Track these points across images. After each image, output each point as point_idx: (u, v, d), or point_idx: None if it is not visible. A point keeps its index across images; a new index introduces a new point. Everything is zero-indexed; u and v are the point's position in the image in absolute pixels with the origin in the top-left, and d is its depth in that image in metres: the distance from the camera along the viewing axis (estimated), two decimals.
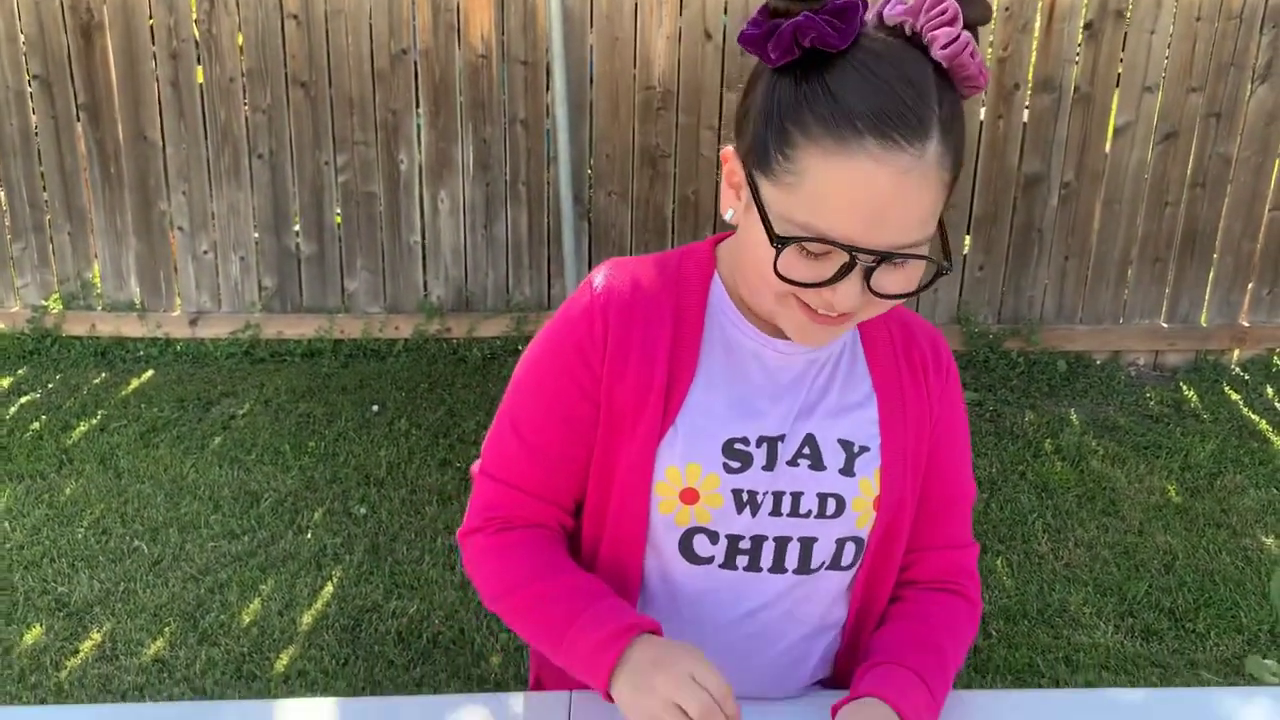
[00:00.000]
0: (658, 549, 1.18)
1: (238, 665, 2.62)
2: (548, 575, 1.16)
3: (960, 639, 1.19)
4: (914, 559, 1.24)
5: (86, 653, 2.66)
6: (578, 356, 1.15)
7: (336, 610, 2.82)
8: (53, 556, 3.04)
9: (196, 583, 2.93)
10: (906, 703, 1.08)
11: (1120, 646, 2.73)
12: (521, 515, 1.21)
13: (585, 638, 1.09)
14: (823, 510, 1.14)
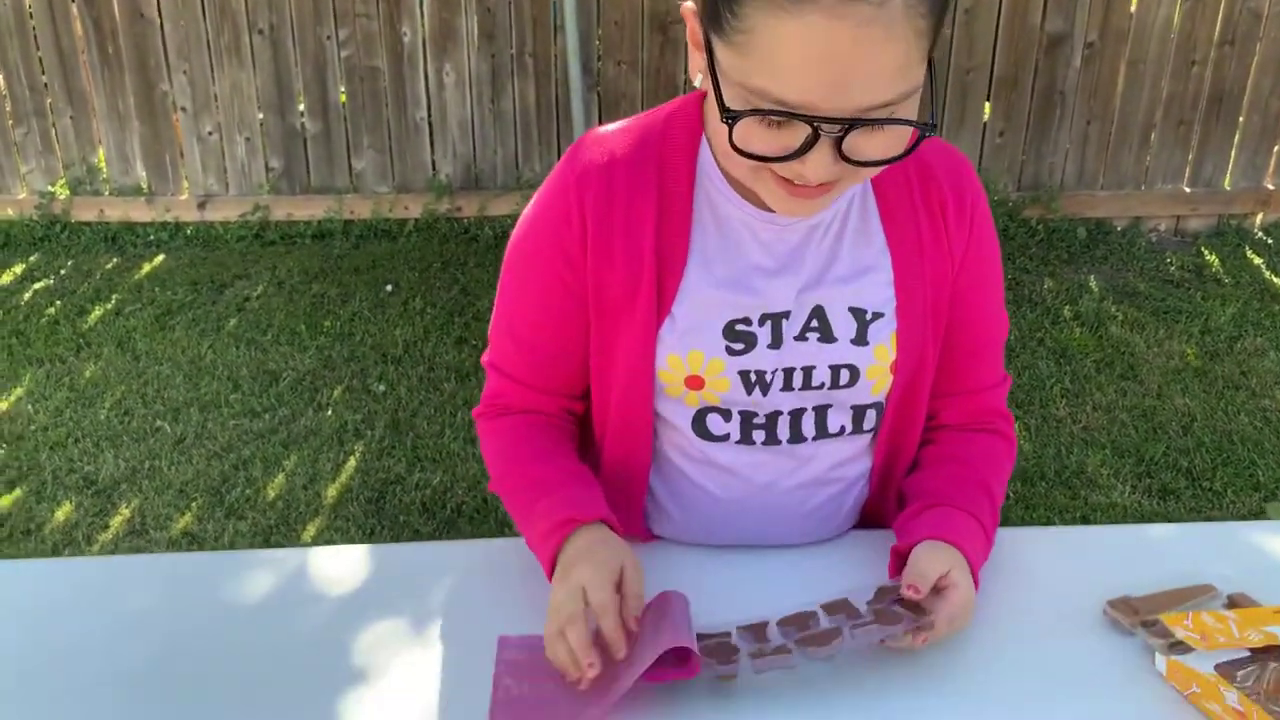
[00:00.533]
0: (671, 428, 1.17)
1: (265, 537, 2.66)
2: (523, 463, 1.15)
3: (1001, 475, 1.18)
4: (943, 404, 1.21)
5: (117, 528, 2.71)
6: (558, 251, 1.09)
7: (360, 483, 2.85)
8: (77, 437, 3.08)
9: (220, 459, 2.96)
10: (968, 544, 1.06)
11: (1137, 506, 2.75)
12: (522, 404, 1.20)
13: (534, 530, 1.10)
14: (836, 382, 1.11)
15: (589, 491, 1.13)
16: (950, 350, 1.17)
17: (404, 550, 1.26)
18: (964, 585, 1.00)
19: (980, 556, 1.08)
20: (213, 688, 1.00)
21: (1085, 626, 1.05)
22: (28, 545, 2.65)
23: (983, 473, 1.15)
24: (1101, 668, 1.00)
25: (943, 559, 1.02)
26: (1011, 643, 1.03)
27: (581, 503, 1.10)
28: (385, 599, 1.12)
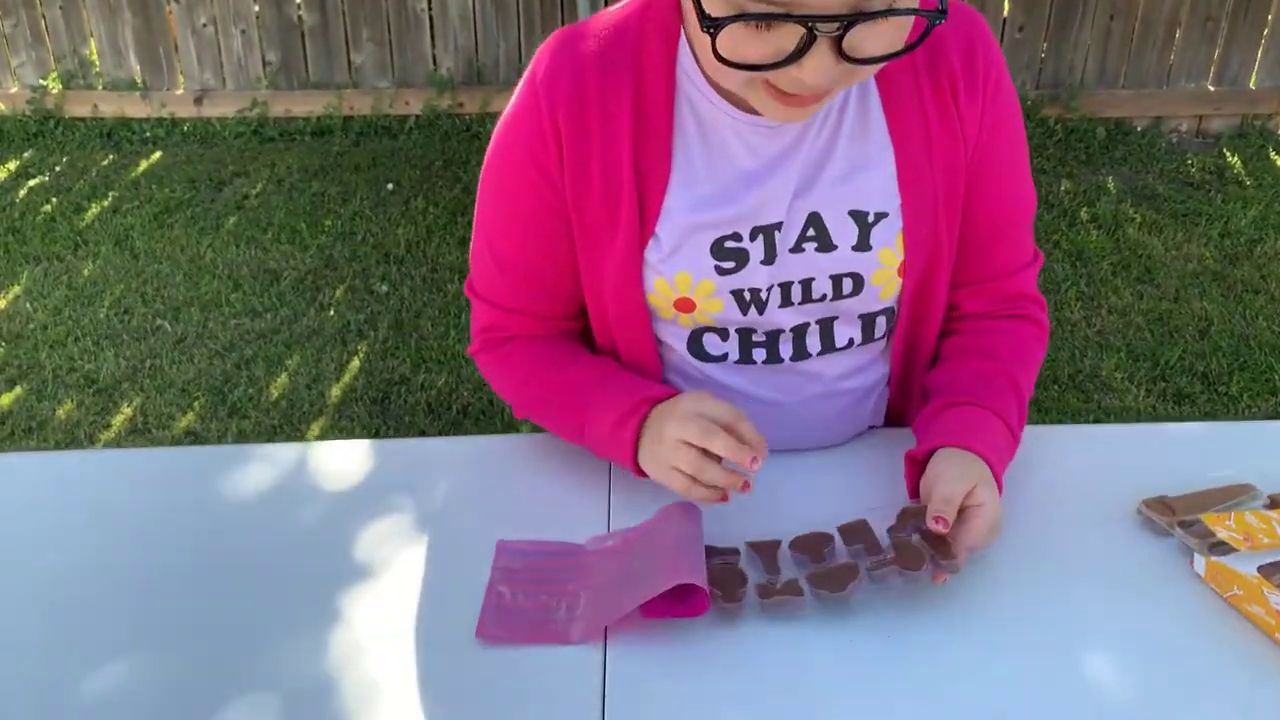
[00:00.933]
0: (668, 349, 1.11)
1: (269, 436, 2.63)
2: (549, 373, 1.09)
3: (1030, 368, 1.10)
4: (965, 294, 1.12)
5: (119, 426, 2.68)
6: (534, 168, 1.01)
7: (364, 383, 2.81)
8: (77, 335, 3.03)
9: (222, 359, 2.92)
10: (993, 451, 0.99)
11: (1151, 410, 2.71)
12: (517, 331, 1.13)
13: (599, 429, 1.04)
14: (839, 292, 1.04)
15: (644, 378, 1.08)
16: (970, 237, 1.08)
17: (406, 446, 1.22)
18: (991, 503, 0.94)
19: (1004, 461, 1.01)
20: (211, 582, 0.98)
21: (1118, 527, 1.01)
22: (29, 443, 2.62)
23: (1010, 366, 1.07)
24: (1136, 570, 0.96)
25: (966, 473, 0.95)
26: (1040, 546, 0.99)
27: (647, 385, 1.05)
28: (386, 495, 1.09)
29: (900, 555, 0.92)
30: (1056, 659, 0.88)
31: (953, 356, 1.11)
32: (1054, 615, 0.92)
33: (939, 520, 0.91)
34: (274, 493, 1.09)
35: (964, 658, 0.88)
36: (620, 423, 1.01)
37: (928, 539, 0.93)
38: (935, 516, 0.92)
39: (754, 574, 0.96)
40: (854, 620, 0.92)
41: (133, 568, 1.00)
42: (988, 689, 0.85)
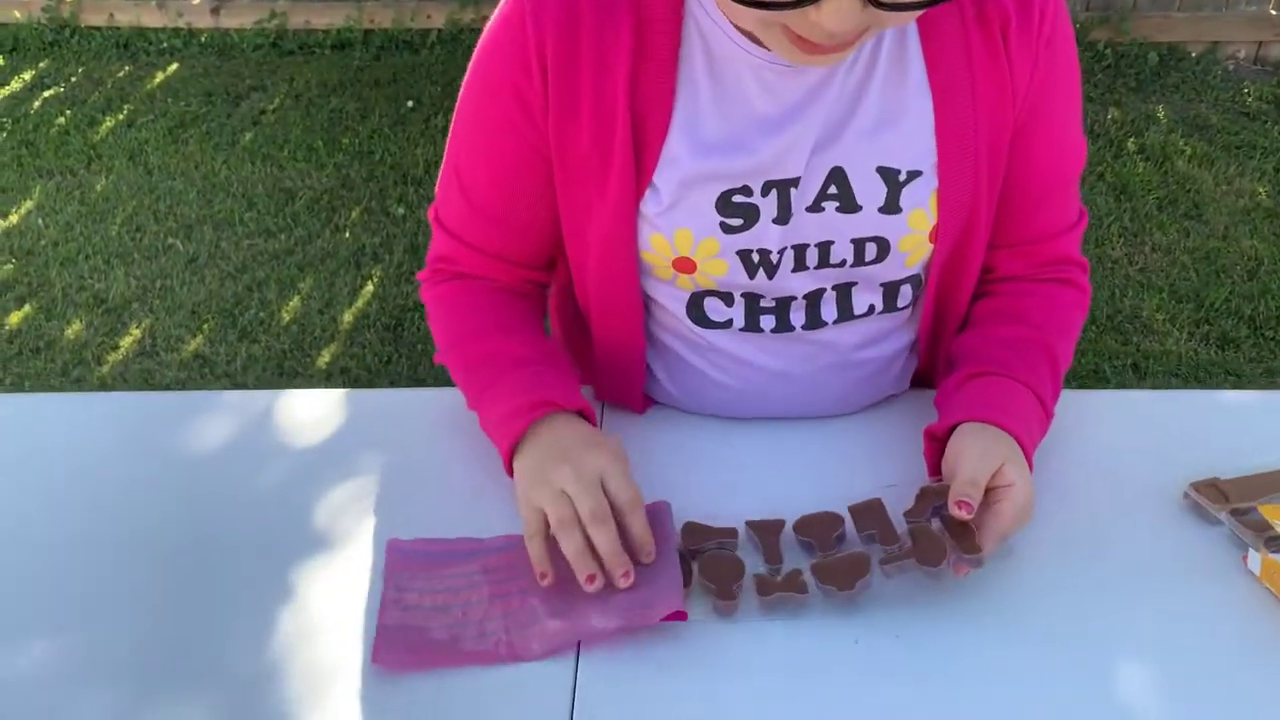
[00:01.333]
0: (664, 310, 1.00)
1: (279, 362, 2.58)
2: (482, 334, 0.98)
3: (1068, 336, 1.00)
4: (1003, 256, 1.01)
5: (127, 348, 2.63)
6: (513, 99, 0.90)
7: (377, 309, 2.74)
8: (88, 253, 2.97)
9: (234, 280, 2.86)
10: (1020, 423, 0.90)
11: (1193, 354, 2.59)
12: (473, 269, 1.02)
13: (495, 408, 0.94)
14: (860, 258, 0.93)
15: (566, 377, 0.96)
16: (1012, 197, 0.96)
17: (375, 397, 1.13)
18: (1021, 483, 0.84)
19: (1035, 439, 0.92)
20: (149, 546, 0.91)
21: (1160, 512, 0.92)
22: (36, 363, 2.58)
23: (1045, 333, 0.97)
24: (1180, 564, 0.87)
25: (992, 451, 0.85)
26: (1071, 533, 0.90)
27: (560, 387, 0.94)
28: (352, 452, 1.02)
29: (918, 546, 0.83)
30: (1087, 664, 0.80)
31: (983, 321, 1.01)
32: (1085, 613, 0.83)
33: (963, 505, 0.82)
34: (228, 447, 1.02)
35: (984, 661, 0.80)
36: (513, 414, 0.91)
37: (949, 525, 0.84)
38: (958, 501, 0.83)
39: (752, 562, 0.87)
40: (862, 617, 0.84)
41: (55, 526, 0.93)
42: (1010, 696, 0.77)
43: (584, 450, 0.87)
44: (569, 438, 0.89)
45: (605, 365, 1.04)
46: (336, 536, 0.92)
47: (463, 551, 0.90)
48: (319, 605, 0.85)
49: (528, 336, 0.99)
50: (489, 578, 0.87)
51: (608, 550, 0.83)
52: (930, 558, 0.82)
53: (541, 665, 0.80)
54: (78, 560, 0.89)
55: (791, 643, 0.82)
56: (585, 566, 0.83)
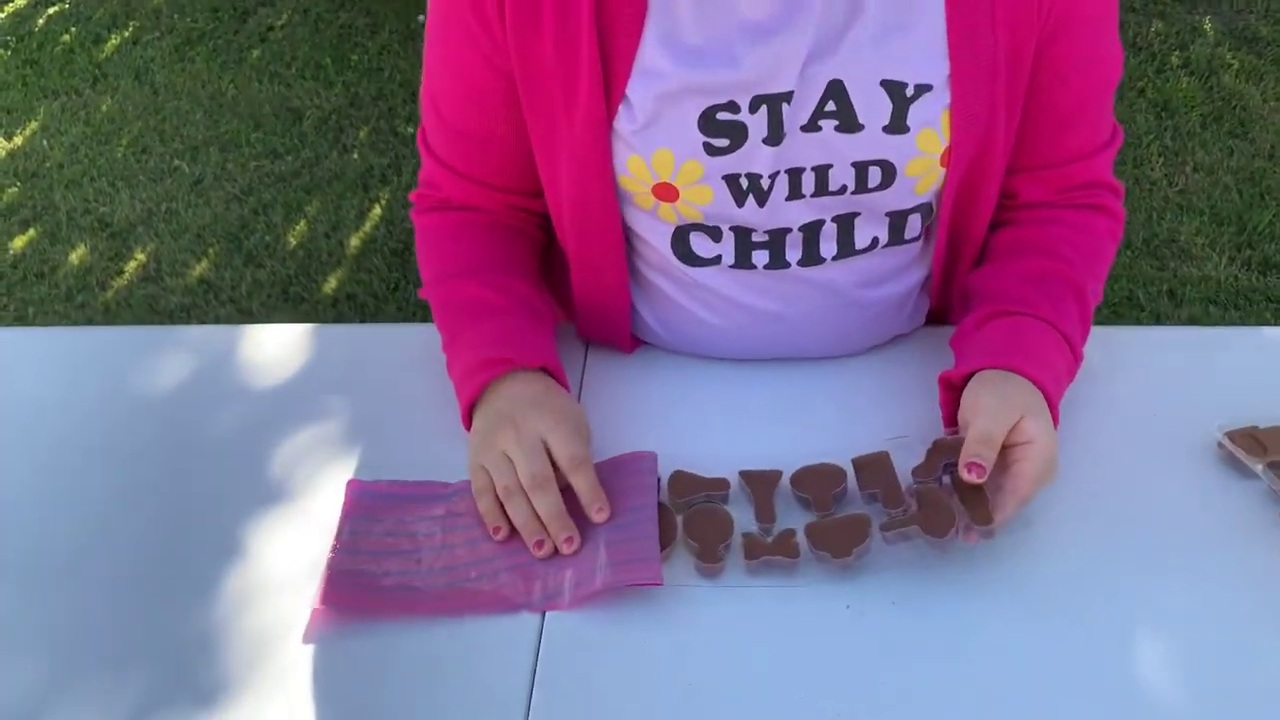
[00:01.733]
0: (648, 246, 0.91)
1: (284, 287, 2.52)
2: (455, 277, 0.92)
3: (1099, 270, 0.91)
4: (1026, 180, 0.92)
5: (131, 273, 2.58)
6: (470, 9, 0.83)
7: (385, 233, 2.67)
8: (93, 175, 2.91)
9: (240, 203, 2.79)
10: (1044, 368, 0.81)
11: (1233, 280, 2.48)
12: (459, 197, 0.95)
13: (459, 359, 0.89)
14: (863, 184, 0.84)
15: (535, 327, 0.90)
16: (1037, 113, 0.87)
17: (349, 333, 1.07)
18: (1041, 440, 0.76)
19: (1062, 386, 0.83)
20: (103, 491, 0.85)
21: (1191, 463, 0.83)
22: (41, 288, 2.54)
23: (1073, 266, 0.88)
24: (1211, 520, 0.79)
25: (1010, 403, 0.77)
26: (1091, 485, 0.82)
27: (523, 342, 0.87)
28: (319, 395, 0.95)
29: (924, 512, 0.76)
30: (1106, 635, 0.72)
31: (1003, 254, 0.91)
32: (1104, 579, 0.76)
33: (973, 468, 0.74)
34: (192, 385, 0.96)
35: (993, 629, 0.73)
36: (472, 371, 0.87)
37: (960, 487, 0.76)
38: (969, 463, 0.75)
39: (742, 519, 0.80)
40: (856, 581, 0.76)
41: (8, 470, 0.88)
42: (1019, 672, 0.70)
43: (529, 412, 0.82)
44: (519, 398, 0.84)
45: (585, 304, 0.97)
46: (297, 484, 0.86)
47: (424, 495, 0.84)
48: (273, 559, 0.80)
49: (504, 280, 0.92)
50: (448, 523, 0.82)
51: (548, 515, 0.79)
52: (936, 527, 0.75)
53: (503, 626, 0.74)
54: (9, 515, 0.84)
55: (778, 606, 0.75)
56: (532, 533, 0.79)
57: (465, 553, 0.80)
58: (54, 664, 0.72)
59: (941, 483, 0.78)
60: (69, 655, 0.73)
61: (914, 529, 0.75)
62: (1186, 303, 2.42)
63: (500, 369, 0.86)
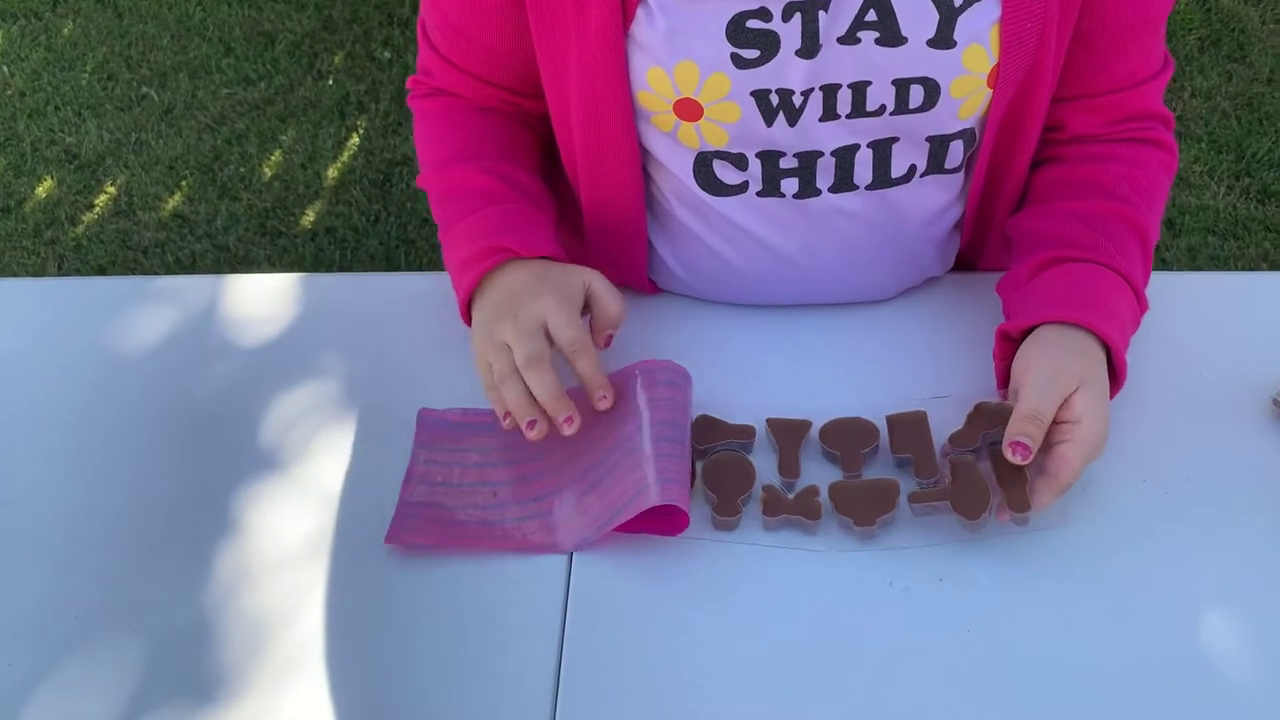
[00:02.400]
0: (666, 172, 0.86)
1: (261, 221, 2.44)
2: (452, 163, 0.88)
3: (1157, 207, 0.85)
4: (1074, 111, 0.86)
5: (102, 207, 2.49)
6: None
7: (364, 163, 2.59)
8: (57, 104, 2.80)
9: (212, 133, 2.69)
10: (1114, 323, 0.76)
11: (1231, 209, 2.44)
12: (452, 88, 0.91)
13: (456, 250, 0.84)
14: (903, 104, 0.78)
15: (535, 216, 0.85)
16: (1089, 36, 0.81)
17: (348, 282, 1.01)
18: (1091, 420, 0.71)
19: (1127, 336, 0.78)
20: (84, 454, 0.80)
21: (1242, 424, 0.79)
22: (8, 224, 2.45)
23: (1133, 205, 0.82)
24: (1265, 485, 0.75)
25: (1067, 373, 0.72)
26: (1133, 447, 0.77)
27: (523, 231, 0.83)
28: (316, 348, 0.90)
29: (957, 488, 0.71)
30: (1154, 605, 0.69)
31: (1054, 193, 0.86)
32: (1157, 553, 0.72)
33: (1017, 448, 0.70)
34: (176, 341, 0.91)
35: (1027, 602, 0.69)
36: (468, 262, 0.83)
37: (999, 465, 0.72)
38: (1014, 443, 0.70)
39: (764, 470, 0.76)
40: (883, 546, 0.72)
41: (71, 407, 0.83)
42: (1059, 644, 0.67)
43: (528, 298, 0.79)
44: (518, 285, 0.80)
45: (599, 239, 0.91)
46: (292, 450, 0.81)
47: (484, 424, 0.82)
48: (271, 536, 0.75)
49: (503, 167, 0.88)
50: (507, 455, 0.80)
51: (544, 395, 0.75)
52: (968, 508, 0.71)
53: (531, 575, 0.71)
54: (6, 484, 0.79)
55: (794, 566, 0.71)
56: (525, 413, 0.76)
57: (524, 489, 0.78)
58: (37, 657, 0.68)
59: (981, 452, 0.74)
60: (53, 645, 0.68)
61: (944, 504, 0.71)
62: (1185, 233, 2.39)
63: (498, 258, 0.82)
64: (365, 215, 2.44)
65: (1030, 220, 0.86)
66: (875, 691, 0.64)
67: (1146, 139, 0.88)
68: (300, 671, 0.67)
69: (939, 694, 0.64)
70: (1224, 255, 2.33)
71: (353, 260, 2.35)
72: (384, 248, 2.37)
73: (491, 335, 0.79)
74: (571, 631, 0.68)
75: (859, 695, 0.64)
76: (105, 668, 0.67)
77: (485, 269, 0.81)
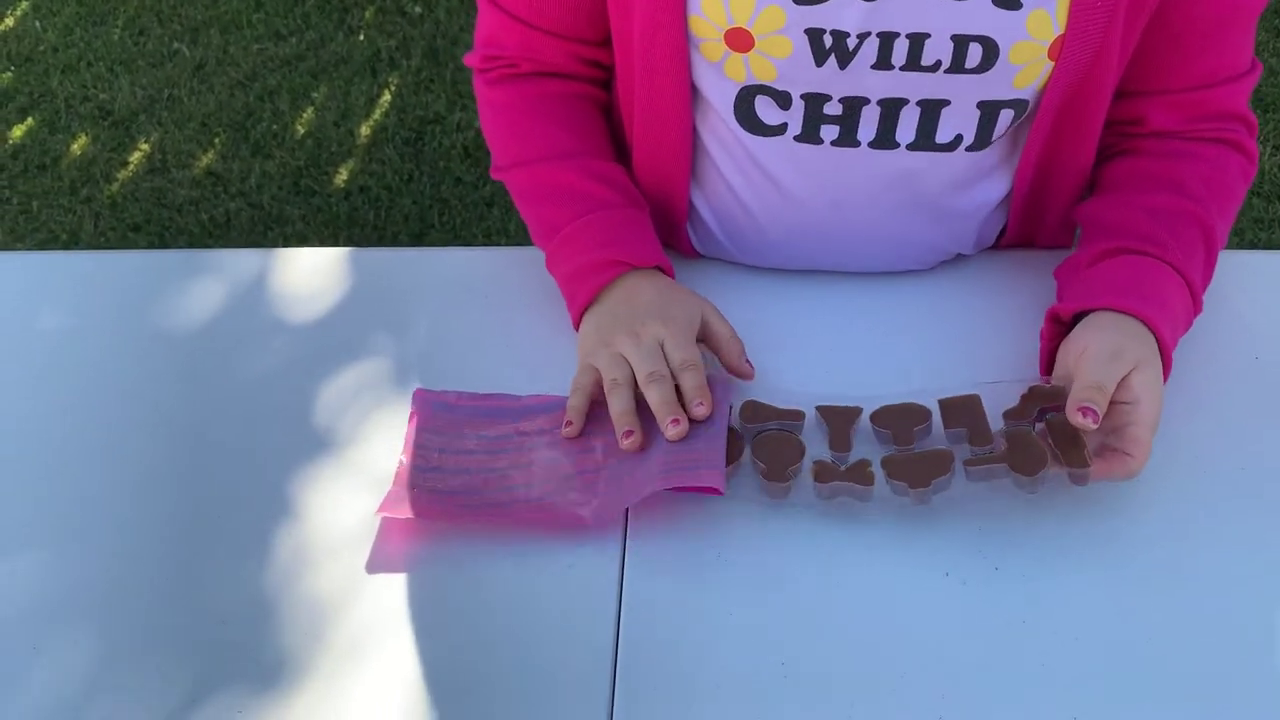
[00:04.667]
0: (709, 108, 0.85)
1: (295, 179, 2.44)
2: (544, 160, 0.89)
3: (1229, 211, 0.84)
4: (1154, 105, 0.84)
5: (136, 164, 2.50)
6: None
7: (396, 121, 2.57)
8: (89, 60, 2.79)
9: (244, 89, 2.68)
10: (1167, 318, 0.75)
11: (1277, 170, 2.39)
12: (530, 55, 0.90)
13: (567, 258, 0.85)
14: (959, 62, 0.76)
15: (641, 220, 0.87)
16: (1177, 29, 0.79)
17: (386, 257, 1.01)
18: (1148, 400, 0.71)
19: (1178, 335, 0.78)
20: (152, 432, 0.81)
21: None
22: (44, 181, 2.46)
23: (1205, 207, 0.81)
24: None
25: (1124, 356, 0.72)
26: (1200, 437, 0.76)
27: (635, 240, 0.85)
28: (356, 327, 0.90)
29: (1013, 451, 0.71)
30: (1208, 596, 0.68)
31: (1127, 184, 0.84)
32: (1203, 535, 0.72)
33: (1087, 412, 0.69)
34: (222, 316, 0.91)
35: (1080, 594, 0.69)
36: (583, 273, 0.85)
37: (1056, 435, 0.72)
38: (1083, 407, 0.69)
39: (815, 448, 0.76)
40: (937, 526, 0.72)
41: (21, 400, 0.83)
42: (1113, 636, 0.66)
43: (650, 320, 0.81)
44: (641, 304, 0.82)
45: (646, 182, 0.92)
46: (344, 429, 0.81)
47: (495, 409, 0.82)
48: (326, 517, 0.76)
49: (600, 167, 0.89)
50: (518, 441, 0.80)
51: (658, 402, 0.76)
52: (1026, 465, 0.70)
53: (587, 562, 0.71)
54: (42, 465, 0.80)
55: (848, 544, 0.71)
56: (626, 423, 0.77)
57: (537, 472, 0.78)
58: (96, 642, 0.69)
59: (1035, 428, 0.73)
60: (113, 630, 0.69)
61: (1001, 467, 0.71)
62: None
63: (615, 272, 0.84)
64: (399, 174, 2.43)
65: (1099, 208, 0.84)
66: (935, 683, 0.64)
67: (1228, 140, 0.86)
68: (361, 655, 0.67)
69: (996, 685, 0.64)
70: (1269, 218, 2.29)
71: (387, 220, 2.34)
72: (418, 207, 2.36)
73: (608, 343, 0.80)
74: (626, 619, 0.68)
75: (917, 689, 0.64)
76: (165, 651, 0.67)
77: (603, 283, 0.83)
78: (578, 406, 0.79)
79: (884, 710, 0.63)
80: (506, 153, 0.92)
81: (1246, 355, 0.83)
